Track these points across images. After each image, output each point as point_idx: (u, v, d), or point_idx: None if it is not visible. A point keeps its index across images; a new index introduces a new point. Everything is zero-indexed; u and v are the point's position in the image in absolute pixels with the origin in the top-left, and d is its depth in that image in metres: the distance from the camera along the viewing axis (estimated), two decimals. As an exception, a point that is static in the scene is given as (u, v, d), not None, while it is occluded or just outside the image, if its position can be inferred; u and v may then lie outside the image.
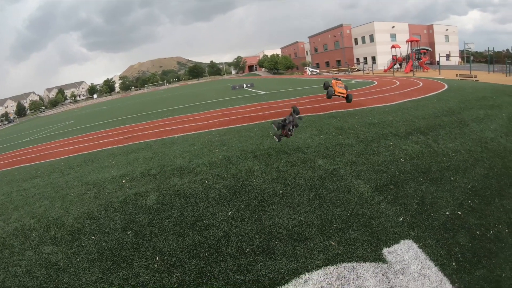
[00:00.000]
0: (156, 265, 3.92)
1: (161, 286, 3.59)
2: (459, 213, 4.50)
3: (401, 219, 4.33)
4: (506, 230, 4.30)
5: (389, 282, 3.46)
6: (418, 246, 3.97)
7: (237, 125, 10.48)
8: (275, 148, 7.04)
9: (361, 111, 10.58)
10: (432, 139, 7.04)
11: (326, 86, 12.63)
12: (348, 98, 11.59)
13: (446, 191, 4.95)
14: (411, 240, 4.04)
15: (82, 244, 4.53)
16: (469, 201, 4.73)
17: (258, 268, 3.67)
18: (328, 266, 3.63)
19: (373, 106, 11.51)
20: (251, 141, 7.97)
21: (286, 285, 3.43)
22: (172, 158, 7.45)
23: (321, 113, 10.94)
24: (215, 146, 8.01)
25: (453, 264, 3.84)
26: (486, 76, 24.03)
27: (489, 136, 7.10)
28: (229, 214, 4.74)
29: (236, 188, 5.41)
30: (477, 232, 4.17)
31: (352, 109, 11.12)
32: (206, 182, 5.80)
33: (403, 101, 12.16)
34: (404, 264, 3.71)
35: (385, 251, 3.90)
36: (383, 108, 10.96)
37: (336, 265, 3.65)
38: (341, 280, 3.46)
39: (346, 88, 11.99)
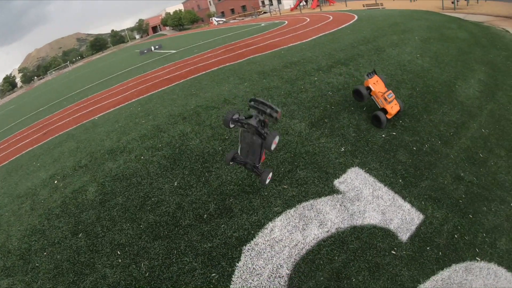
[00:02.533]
0: (120, 260, 3.67)
1: (133, 280, 3.41)
2: (394, 133, 4.94)
3: (342, 149, 4.60)
4: (439, 142, 4.89)
5: (347, 210, 3.70)
6: (365, 171, 4.29)
7: (156, 91, 9.92)
8: (202, 106, 6.78)
9: (279, 52, 10.69)
10: (353, 68, 7.48)
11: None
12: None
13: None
14: (357, 167, 4.34)
15: (37, 264, 4.04)
16: (400, 121, 5.22)
17: (222, 231, 3.65)
18: (287, 210, 3.74)
19: (289, 45, 11.70)
20: (176, 104, 7.59)
21: (255, 239, 3.47)
22: (99, 142, 6.81)
23: (239, 60, 10.79)
24: (140, 117, 7.50)
25: (400, 181, 4.27)
26: (392, 3, 26.21)
27: (406, 59, 7.81)
28: (176, 184, 4.51)
29: (175, 156, 5.14)
30: (414, 148, 4.65)
31: (269, 51, 11.17)
32: (142, 157, 5.41)
33: (318, 36, 12.59)
34: (357, 190, 3.99)
35: (336, 182, 4.14)
36: (299, 46, 11.22)
37: (295, 207, 3.77)
38: (303, 220, 3.60)
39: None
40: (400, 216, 3.93)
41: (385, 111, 5.03)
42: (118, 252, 3.79)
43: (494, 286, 3.69)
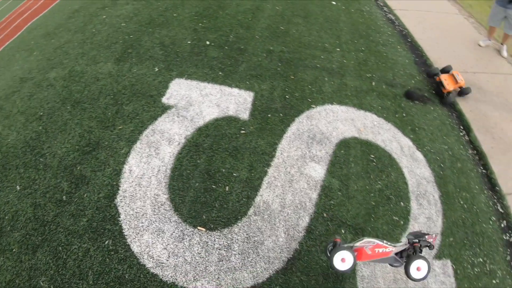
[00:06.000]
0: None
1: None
2: (198, 37, 5.42)
3: (156, 69, 4.78)
4: (241, 29, 5.56)
5: (186, 118, 4.05)
6: (186, 79, 4.61)
7: None
8: (0, 97, 5.98)
9: (59, 6, 9.90)
10: None
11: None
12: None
13: (179, 27, 5.65)
14: (177, 78, 4.60)
15: None
16: (200, 24, 5.73)
17: (88, 200, 3.47)
18: (134, 145, 3.87)
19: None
20: None
21: (121, 188, 3.55)
22: None
23: (18, 33, 9.60)
24: None
25: (220, 73, 4.74)
26: None
27: None
28: (18, 188, 4.08)
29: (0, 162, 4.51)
30: (222, 40, 5.20)
31: (47, 10, 10.19)
32: None
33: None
34: (186, 98, 4.32)
35: (164, 99, 4.35)
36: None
37: (139, 139, 3.93)
38: (153, 146, 3.80)
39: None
40: (234, 101, 4.42)
41: None
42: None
43: (336, 119, 4.60)
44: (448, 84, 5.59)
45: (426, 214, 4.10)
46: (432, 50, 6.80)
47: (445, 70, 5.87)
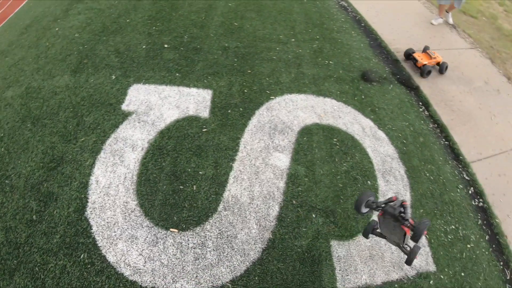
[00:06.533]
0: None
1: None
2: (153, 40, 5.49)
3: (113, 77, 4.85)
4: (195, 29, 5.66)
5: (147, 122, 4.17)
6: (143, 84, 4.71)
7: None
8: None
9: (11, 22, 9.71)
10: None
11: None
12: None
13: (133, 32, 5.70)
14: (135, 84, 4.71)
15: None
16: (154, 27, 5.77)
17: (58, 216, 3.56)
18: (98, 156, 3.90)
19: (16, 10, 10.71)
20: None
21: (90, 199, 3.59)
22: None
23: None
24: None
25: (177, 74, 4.84)
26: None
27: None
28: None
29: None
30: (177, 41, 5.29)
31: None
32: None
33: None
34: (145, 102, 4.44)
35: (124, 106, 4.44)
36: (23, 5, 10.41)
37: (102, 149, 3.99)
38: (117, 154, 3.86)
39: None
40: (193, 101, 4.53)
41: None
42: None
43: (296, 107, 4.76)
44: (421, 59, 6.11)
45: (393, 189, 4.32)
46: (386, 32, 7.07)
47: (424, 50, 6.45)
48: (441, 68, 6.34)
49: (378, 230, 3.43)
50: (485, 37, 8.06)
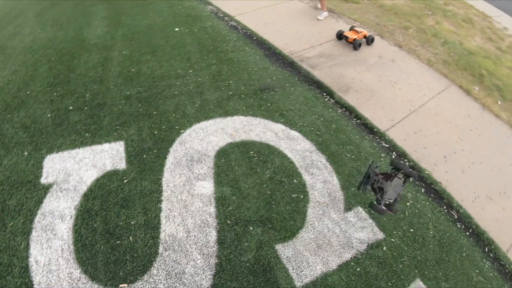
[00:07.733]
0: None
1: None
2: (56, 105, 5.62)
3: (26, 153, 4.86)
4: (96, 85, 5.90)
5: (69, 189, 4.40)
6: (56, 152, 4.84)
7: None
8: None
9: None
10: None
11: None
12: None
13: (36, 103, 5.79)
14: (48, 155, 4.79)
15: None
16: (55, 93, 5.90)
17: None
18: (31, 236, 4.01)
19: None
20: None
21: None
22: None
23: None
24: None
25: (87, 134, 5.04)
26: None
27: (29, 40, 8.08)
28: None
29: None
30: (80, 102, 5.54)
31: None
32: None
33: None
34: (62, 170, 4.60)
35: (43, 180, 4.51)
36: None
37: (33, 228, 4.13)
38: (48, 230, 4.04)
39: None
40: (108, 156, 4.79)
41: None
42: None
43: (207, 134, 5.20)
44: (351, 35, 7.47)
45: (320, 179, 4.81)
46: (278, 40, 7.77)
47: (351, 29, 7.85)
48: (368, 40, 7.74)
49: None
50: (370, 17, 9.13)
